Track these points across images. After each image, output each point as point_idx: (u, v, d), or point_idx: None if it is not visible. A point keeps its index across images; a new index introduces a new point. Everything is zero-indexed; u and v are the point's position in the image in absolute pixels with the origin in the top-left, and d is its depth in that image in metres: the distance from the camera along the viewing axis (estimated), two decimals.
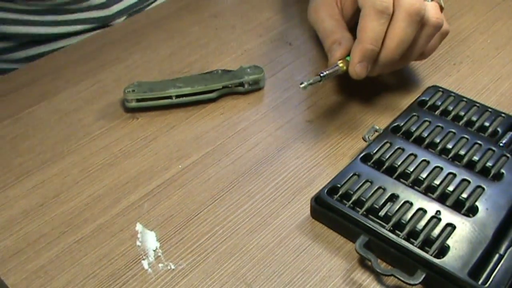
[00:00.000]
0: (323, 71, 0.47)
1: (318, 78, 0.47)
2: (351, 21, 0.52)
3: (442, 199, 0.41)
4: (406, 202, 0.41)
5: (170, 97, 0.51)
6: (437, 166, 0.43)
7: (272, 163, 0.47)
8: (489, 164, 0.43)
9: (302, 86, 0.46)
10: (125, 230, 0.42)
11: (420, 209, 0.40)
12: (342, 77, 0.49)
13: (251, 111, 0.52)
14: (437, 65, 0.57)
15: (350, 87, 0.51)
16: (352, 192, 0.42)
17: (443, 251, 0.38)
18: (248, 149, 0.48)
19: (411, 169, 0.43)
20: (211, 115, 0.52)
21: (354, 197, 0.41)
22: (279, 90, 0.54)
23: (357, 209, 0.41)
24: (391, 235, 0.39)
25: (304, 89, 0.46)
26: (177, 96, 0.51)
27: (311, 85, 0.46)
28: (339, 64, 0.48)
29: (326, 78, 0.47)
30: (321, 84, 0.54)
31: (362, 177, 0.43)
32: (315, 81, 0.47)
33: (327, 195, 0.42)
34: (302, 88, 0.46)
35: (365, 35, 0.46)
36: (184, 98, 0.52)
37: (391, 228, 0.40)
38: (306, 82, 0.46)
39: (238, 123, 0.51)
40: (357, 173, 0.43)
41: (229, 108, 0.53)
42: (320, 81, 0.47)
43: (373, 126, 0.47)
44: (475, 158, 0.44)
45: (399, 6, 0.45)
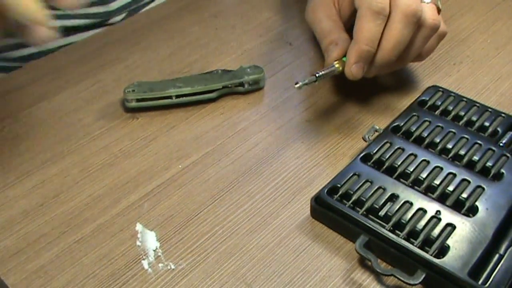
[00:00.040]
0: (319, 72, 0.47)
1: (314, 78, 0.47)
2: (349, 22, 0.52)
3: (442, 199, 0.41)
4: (406, 202, 0.41)
5: (170, 97, 0.51)
6: (437, 166, 0.43)
7: (272, 163, 0.47)
8: (489, 164, 0.43)
9: (297, 86, 0.46)
10: (125, 230, 0.42)
11: (420, 209, 0.40)
12: (342, 78, 0.49)
13: (251, 111, 0.52)
14: (437, 65, 0.57)
15: (350, 87, 0.51)
16: (352, 192, 0.42)
17: (443, 251, 0.38)
18: (248, 149, 0.48)
19: (411, 169, 0.43)
20: (211, 115, 0.52)
21: (354, 197, 0.41)
22: (279, 90, 0.54)
23: (357, 209, 0.41)
24: (391, 235, 0.39)
25: (299, 89, 0.46)
26: (177, 96, 0.51)
27: (307, 85, 0.46)
28: (335, 65, 0.48)
29: (322, 79, 0.47)
30: (322, 84, 0.55)
31: (362, 177, 0.43)
32: (311, 81, 0.46)
33: (327, 195, 0.42)
34: (297, 88, 0.46)
35: (361, 36, 0.46)
36: (184, 98, 0.52)
37: (391, 228, 0.40)
38: (301, 82, 0.46)
39: (238, 123, 0.51)
40: (357, 173, 0.43)
41: (229, 108, 0.53)
42: (316, 81, 0.47)
43: (373, 126, 0.47)
44: (475, 158, 0.44)
45: (396, 7, 0.45)
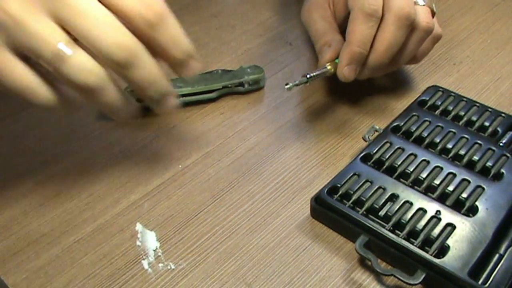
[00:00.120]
0: (310, 73, 0.47)
1: (305, 80, 0.46)
2: (343, 24, 0.52)
3: (442, 199, 0.41)
4: (406, 202, 0.41)
5: None
6: (437, 166, 0.43)
7: (272, 163, 0.47)
8: (489, 164, 0.43)
9: (287, 87, 0.46)
10: (125, 230, 0.42)
11: (420, 209, 0.40)
12: None
13: (251, 111, 0.52)
14: (437, 65, 0.57)
15: (350, 88, 0.51)
16: (352, 192, 0.42)
17: (443, 251, 0.38)
18: (248, 149, 0.48)
19: (411, 169, 0.43)
20: (211, 115, 0.52)
21: (354, 197, 0.41)
22: (279, 90, 0.54)
23: (357, 209, 0.41)
24: (391, 235, 0.39)
25: (289, 90, 0.46)
26: (177, 96, 0.51)
27: (297, 86, 0.46)
28: (327, 67, 0.48)
29: (313, 80, 0.47)
30: (321, 84, 0.55)
31: (362, 177, 0.43)
32: (301, 82, 0.46)
33: (327, 195, 0.42)
34: (287, 89, 0.46)
35: (354, 38, 0.46)
36: (184, 98, 0.52)
37: (391, 228, 0.40)
38: (292, 84, 0.46)
39: (238, 123, 0.51)
40: (357, 173, 0.43)
41: (229, 108, 0.53)
42: (307, 83, 0.47)
43: (373, 126, 0.47)
44: (475, 158, 0.44)
45: (389, 10, 0.45)
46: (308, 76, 0.47)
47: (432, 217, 0.40)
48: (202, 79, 0.52)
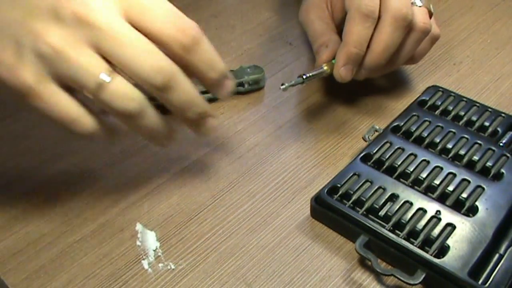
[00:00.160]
0: (306, 73, 0.47)
1: (300, 80, 0.47)
2: (341, 24, 0.52)
3: (442, 199, 0.41)
4: (406, 202, 0.41)
5: None
6: (437, 166, 0.43)
7: (272, 163, 0.47)
8: (489, 164, 0.43)
9: (283, 88, 0.46)
10: (125, 230, 0.42)
11: (420, 209, 0.40)
12: None
13: (251, 111, 0.52)
14: (437, 65, 0.57)
15: (350, 88, 0.51)
16: (352, 192, 0.42)
17: (443, 251, 0.38)
18: (248, 149, 0.48)
19: (411, 169, 0.43)
20: None
21: (354, 197, 0.41)
22: (279, 90, 0.54)
23: (357, 209, 0.41)
24: (391, 235, 0.39)
25: (285, 90, 0.46)
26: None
27: (293, 86, 0.46)
28: (324, 67, 0.48)
29: (309, 80, 0.47)
30: (321, 84, 0.55)
31: (362, 177, 0.43)
32: (297, 83, 0.46)
33: (327, 195, 0.42)
34: (283, 89, 0.46)
35: (350, 39, 0.46)
36: None
37: (391, 228, 0.40)
38: (287, 84, 0.46)
39: (238, 123, 0.51)
40: (357, 173, 0.43)
41: (229, 108, 0.53)
42: (303, 83, 0.47)
43: (373, 126, 0.47)
44: (475, 158, 0.44)
45: (386, 11, 0.45)
46: (304, 77, 0.47)
47: (432, 217, 0.40)
48: None
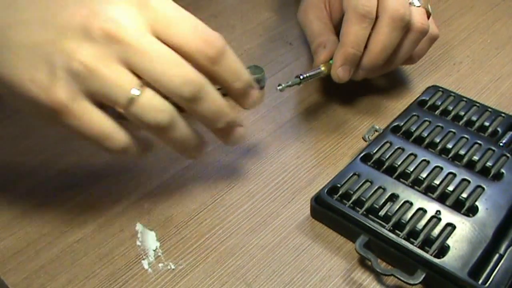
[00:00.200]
0: (303, 74, 0.47)
1: (297, 81, 0.47)
2: (339, 24, 0.52)
3: (442, 199, 0.41)
4: (406, 202, 0.41)
5: None
6: (437, 166, 0.43)
7: (272, 163, 0.47)
8: (489, 164, 0.43)
9: (280, 88, 0.46)
10: (125, 230, 0.42)
11: (420, 209, 0.40)
12: None
13: (251, 111, 0.52)
14: (437, 65, 0.57)
15: (350, 88, 0.51)
16: (352, 192, 0.42)
17: (443, 251, 0.38)
18: (248, 149, 0.48)
19: (411, 169, 0.43)
20: None
21: (354, 197, 0.41)
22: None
23: (357, 209, 0.41)
24: (391, 235, 0.39)
25: (282, 91, 0.46)
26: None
27: (290, 87, 0.46)
28: (321, 68, 0.48)
29: (306, 81, 0.47)
30: (321, 84, 0.55)
31: (362, 177, 0.43)
32: (294, 83, 0.46)
33: (327, 195, 0.42)
34: (280, 90, 0.46)
35: (347, 39, 0.46)
36: None
37: (391, 228, 0.40)
38: (284, 84, 0.46)
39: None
40: (357, 173, 0.43)
41: None
42: (300, 84, 0.47)
43: (373, 126, 0.47)
44: (475, 158, 0.44)
45: (383, 11, 0.45)
46: (301, 77, 0.47)
47: (432, 217, 0.40)
48: None
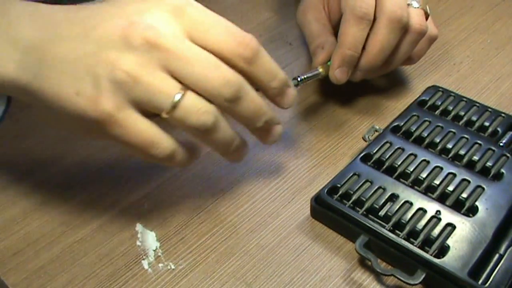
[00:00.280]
0: (300, 75, 0.47)
1: (295, 82, 0.46)
2: (338, 26, 0.52)
3: (442, 199, 0.41)
4: (406, 202, 0.41)
5: None
6: (437, 166, 0.43)
7: (272, 163, 0.47)
8: (489, 164, 0.43)
9: None
10: (125, 230, 0.42)
11: (420, 209, 0.40)
12: None
13: None
14: (437, 65, 0.57)
15: (350, 88, 0.51)
16: (352, 192, 0.42)
17: (443, 251, 0.38)
18: (248, 149, 0.48)
19: (411, 169, 0.43)
20: None
21: (354, 197, 0.41)
22: None
23: (357, 209, 0.41)
24: (391, 235, 0.39)
25: None
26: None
27: None
28: (319, 69, 0.48)
29: (304, 82, 0.47)
30: (321, 84, 0.55)
31: (362, 177, 0.43)
32: None
33: (327, 195, 0.42)
34: None
35: (345, 41, 0.46)
36: None
37: (391, 228, 0.40)
38: None
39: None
40: (357, 173, 0.43)
41: None
42: (297, 85, 0.46)
43: (373, 126, 0.47)
44: (475, 158, 0.44)
45: (381, 13, 0.45)
46: (299, 79, 0.46)
47: (432, 217, 0.40)
48: None
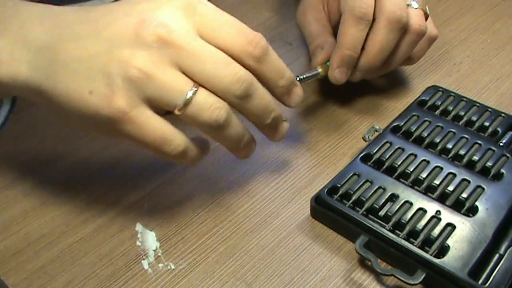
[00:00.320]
0: (299, 75, 0.47)
1: None
2: (337, 26, 0.52)
3: (442, 199, 0.41)
4: (406, 202, 0.41)
5: None
6: (437, 166, 0.43)
7: (272, 163, 0.47)
8: (489, 164, 0.43)
9: None
10: (125, 230, 0.42)
11: (420, 209, 0.40)
12: None
13: None
14: (437, 65, 0.57)
15: (350, 88, 0.51)
16: (352, 192, 0.42)
17: (443, 251, 0.38)
18: None
19: (411, 169, 0.43)
20: None
21: (354, 197, 0.41)
22: None
23: (357, 209, 0.41)
24: (391, 235, 0.39)
25: None
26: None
27: None
28: (318, 69, 0.48)
29: (303, 82, 0.47)
30: (321, 84, 0.55)
31: (362, 177, 0.43)
32: None
33: (327, 195, 0.42)
34: None
35: (344, 41, 0.46)
36: None
37: (391, 228, 0.40)
38: None
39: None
40: (357, 173, 0.43)
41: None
42: None
43: (373, 126, 0.47)
44: (475, 158, 0.44)
45: (380, 13, 0.45)
46: (298, 79, 0.46)
47: (432, 217, 0.40)
48: None
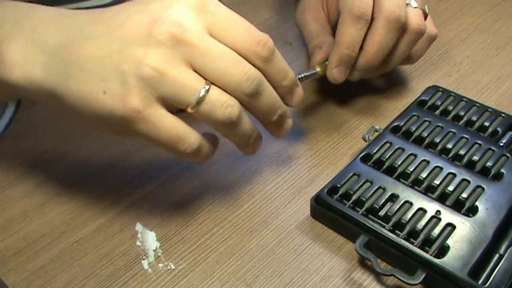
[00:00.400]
0: (297, 74, 0.47)
1: None
2: (336, 26, 0.52)
3: (442, 199, 0.41)
4: (406, 202, 0.41)
5: None
6: (437, 166, 0.43)
7: (272, 163, 0.47)
8: (489, 164, 0.43)
9: None
10: (125, 230, 0.42)
11: (420, 209, 0.40)
12: None
13: None
14: (437, 65, 0.57)
15: (350, 88, 0.51)
16: (352, 192, 0.42)
17: (443, 251, 0.38)
18: None
19: (411, 169, 0.43)
20: None
21: (354, 197, 0.41)
22: None
23: (357, 209, 0.41)
24: (391, 235, 0.39)
25: None
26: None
27: None
28: (316, 68, 0.48)
29: (301, 81, 0.47)
30: (321, 84, 0.55)
31: (362, 177, 0.43)
32: None
33: (327, 195, 0.42)
34: None
35: (343, 40, 0.46)
36: None
37: (391, 228, 0.40)
38: None
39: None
40: (357, 173, 0.43)
41: None
42: None
43: (373, 126, 0.47)
44: (475, 158, 0.44)
45: (379, 12, 0.45)
46: (296, 78, 0.46)
47: (432, 217, 0.40)
48: None
